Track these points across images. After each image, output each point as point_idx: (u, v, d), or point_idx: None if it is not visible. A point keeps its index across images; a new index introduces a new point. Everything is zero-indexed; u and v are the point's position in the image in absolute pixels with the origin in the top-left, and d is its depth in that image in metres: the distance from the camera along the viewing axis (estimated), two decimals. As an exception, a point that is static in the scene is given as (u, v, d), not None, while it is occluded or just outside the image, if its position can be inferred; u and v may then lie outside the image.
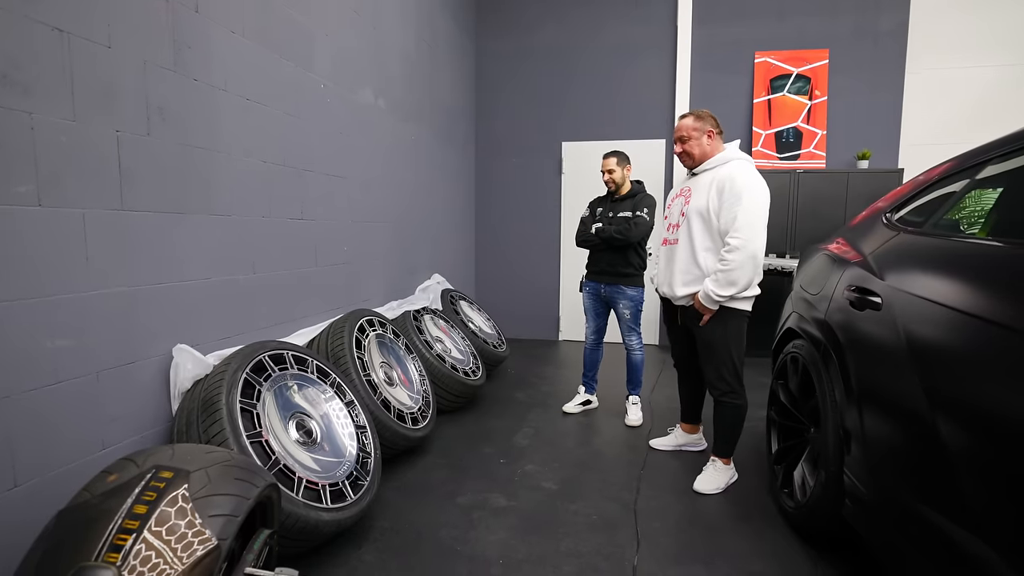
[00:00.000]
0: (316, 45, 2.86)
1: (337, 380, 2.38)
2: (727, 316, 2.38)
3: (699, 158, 2.47)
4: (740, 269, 2.25)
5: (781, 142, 5.12)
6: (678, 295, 2.48)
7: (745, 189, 2.26)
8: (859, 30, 4.97)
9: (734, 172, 2.32)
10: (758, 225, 2.25)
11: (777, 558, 1.97)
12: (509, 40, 5.61)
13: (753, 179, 2.30)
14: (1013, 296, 1.17)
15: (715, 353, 2.43)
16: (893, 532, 1.47)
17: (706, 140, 2.45)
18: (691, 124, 2.46)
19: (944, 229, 1.69)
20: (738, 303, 2.36)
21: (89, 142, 1.68)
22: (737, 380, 2.44)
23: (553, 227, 5.70)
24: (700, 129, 2.45)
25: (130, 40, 1.81)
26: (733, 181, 2.29)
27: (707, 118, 2.45)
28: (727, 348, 2.41)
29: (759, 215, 2.26)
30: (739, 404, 2.45)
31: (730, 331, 2.40)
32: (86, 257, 1.68)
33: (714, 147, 2.45)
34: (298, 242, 2.77)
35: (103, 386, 1.76)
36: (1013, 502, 1.04)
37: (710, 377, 2.48)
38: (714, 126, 2.44)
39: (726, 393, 2.45)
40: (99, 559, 1.05)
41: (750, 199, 2.25)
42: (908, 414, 1.40)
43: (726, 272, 2.27)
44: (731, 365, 2.42)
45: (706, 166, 2.44)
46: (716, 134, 2.45)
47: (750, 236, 2.23)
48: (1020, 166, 1.49)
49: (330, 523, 1.83)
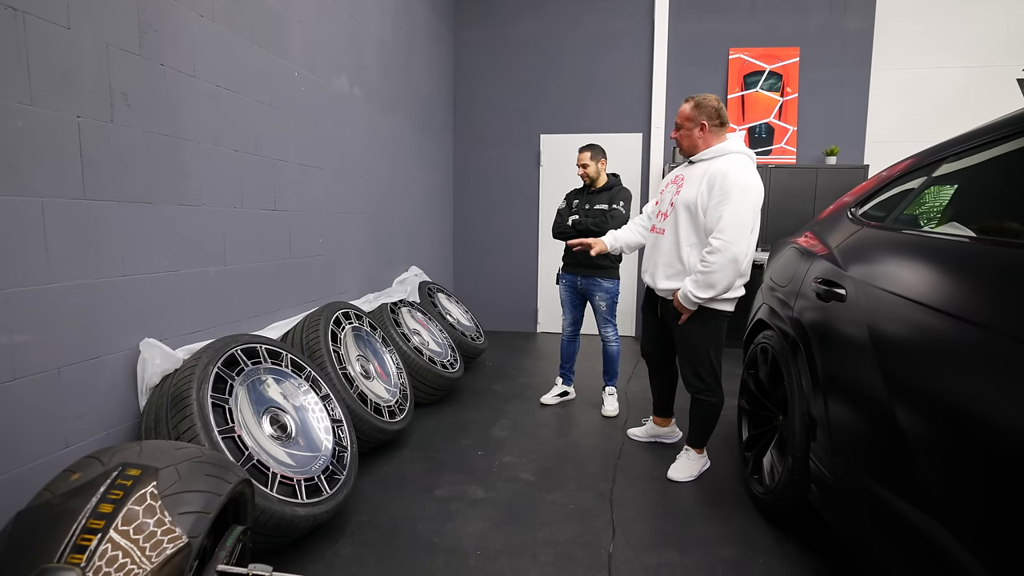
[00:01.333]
0: (290, 31, 2.79)
1: (312, 374, 2.35)
2: (706, 316, 2.33)
3: (688, 149, 2.39)
4: (720, 272, 2.18)
5: (754, 138, 5.21)
6: (659, 287, 2.45)
7: (734, 188, 2.16)
8: (828, 29, 5.07)
9: (727, 168, 2.21)
10: (743, 227, 2.16)
11: (746, 542, 2.02)
12: (487, 30, 5.57)
13: (745, 178, 2.19)
14: (966, 289, 1.21)
15: (693, 352, 2.41)
16: (854, 515, 1.52)
17: (697, 132, 2.34)
18: (686, 113, 2.35)
19: (904, 224, 1.74)
20: (719, 304, 2.31)
21: (47, 127, 1.62)
22: (714, 379, 2.42)
23: (531, 219, 5.71)
24: (693, 120, 2.33)
25: (91, 21, 1.74)
26: (724, 177, 2.19)
27: (705, 109, 2.31)
28: (705, 348, 2.38)
29: (745, 216, 2.16)
30: (715, 402, 2.45)
31: (708, 331, 2.36)
32: (45, 248, 1.62)
33: (707, 140, 2.33)
34: (272, 233, 2.71)
35: (65, 382, 1.70)
36: (965, 486, 1.09)
37: (687, 375, 2.46)
38: (710, 118, 2.31)
39: (702, 391, 2.44)
40: (62, 560, 1.02)
41: (738, 199, 2.16)
42: (869, 402, 1.45)
43: (706, 274, 2.20)
44: (708, 365, 2.40)
45: (703, 156, 2.33)
46: (713, 126, 2.32)
47: (733, 238, 2.15)
48: (972, 164, 1.54)
49: (305, 518, 1.81)
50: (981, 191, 1.55)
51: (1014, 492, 0.98)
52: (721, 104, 2.34)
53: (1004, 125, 1.39)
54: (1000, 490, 1.01)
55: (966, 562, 1.05)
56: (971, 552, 1.04)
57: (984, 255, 1.24)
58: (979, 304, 1.15)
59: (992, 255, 1.21)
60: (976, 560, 1.03)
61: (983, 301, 1.14)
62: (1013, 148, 1.36)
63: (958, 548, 1.08)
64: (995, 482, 1.02)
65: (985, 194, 1.53)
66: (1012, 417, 0.99)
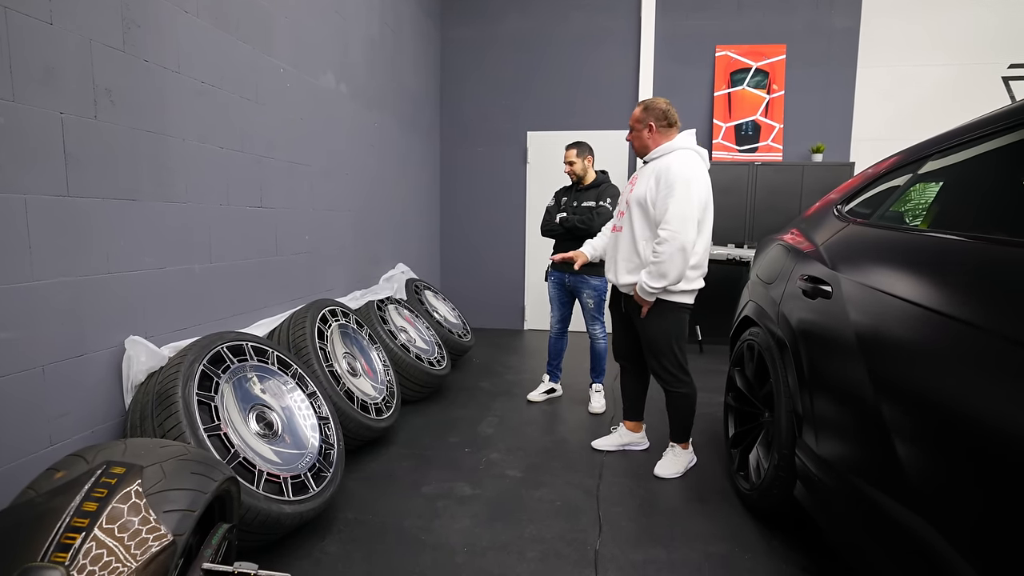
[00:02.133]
0: (275, 27, 2.77)
1: (299, 371, 2.34)
2: (665, 309, 2.41)
3: (639, 149, 2.50)
4: (670, 261, 2.26)
5: (740, 135, 5.24)
6: (620, 282, 2.53)
7: (678, 181, 2.26)
8: (814, 27, 5.11)
9: (671, 162, 2.32)
10: (689, 217, 2.26)
11: (733, 538, 2.04)
12: (474, 27, 5.56)
13: (689, 171, 2.29)
14: (950, 285, 1.23)
15: (656, 346, 2.47)
16: (840, 511, 1.54)
17: (646, 133, 2.45)
18: (636, 115, 2.47)
19: (889, 221, 1.77)
20: (676, 296, 2.39)
21: (30, 124, 1.60)
22: (681, 370, 2.49)
23: (518, 217, 5.71)
24: (642, 121, 2.45)
25: (73, 16, 1.71)
26: (668, 171, 2.30)
27: (653, 111, 2.42)
28: (668, 340, 2.44)
29: (690, 207, 2.26)
30: (686, 392, 2.51)
31: (670, 324, 2.43)
32: (28, 246, 1.60)
33: (656, 140, 2.44)
34: (258, 230, 2.70)
35: (49, 380, 1.68)
36: (949, 482, 1.11)
37: (654, 367, 2.52)
38: (659, 119, 2.41)
39: (671, 383, 2.50)
40: (46, 559, 1.01)
41: (682, 191, 2.25)
42: (855, 399, 1.47)
43: (657, 264, 2.29)
44: (673, 356, 2.46)
45: (653, 155, 2.44)
46: (661, 127, 2.42)
47: (679, 228, 2.24)
48: (958, 162, 1.57)
49: (292, 516, 1.81)
50: (966, 188, 1.57)
51: (996, 487, 1.00)
52: (669, 106, 2.44)
53: (989, 122, 1.41)
54: (983, 485, 1.03)
55: (950, 556, 1.07)
56: (954, 546, 1.07)
57: (969, 252, 1.25)
58: (965, 301, 1.16)
59: (977, 252, 1.23)
60: (958, 553, 1.05)
61: (968, 298, 1.16)
62: (998, 145, 1.38)
63: (941, 543, 1.10)
64: (978, 478, 1.04)
65: (970, 191, 1.56)
66: (996, 413, 1.01)
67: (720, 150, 5.25)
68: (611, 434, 2.89)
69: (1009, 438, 0.96)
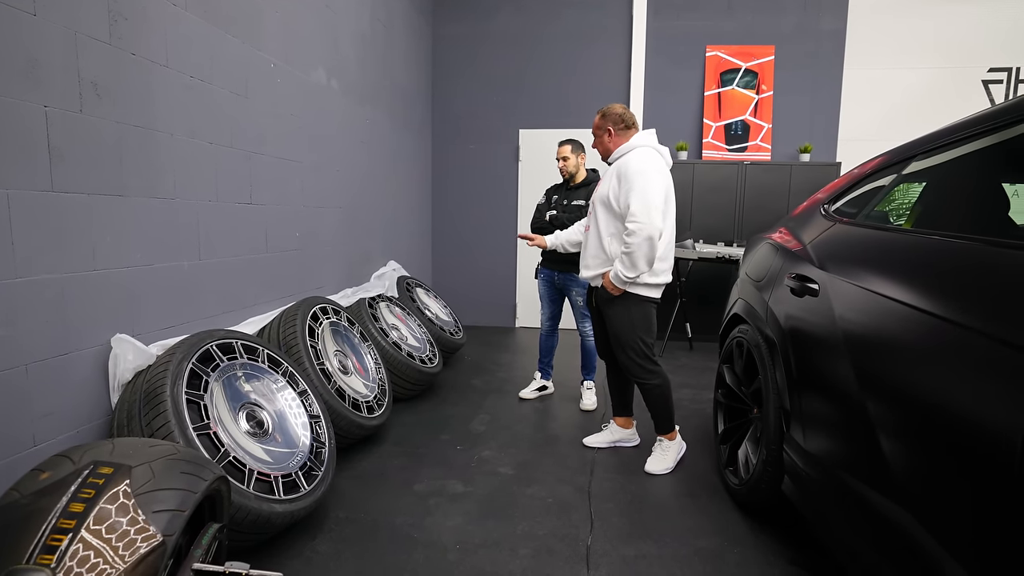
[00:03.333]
0: (266, 22, 2.74)
1: (289, 369, 2.32)
2: (630, 302, 2.50)
3: (603, 153, 2.64)
4: (638, 250, 2.37)
5: (730, 134, 5.28)
6: (587, 277, 2.66)
7: (636, 175, 2.39)
8: (802, 29, 5.16)
9: (629, 160, 2.46)
10: (652, 206, 2.36)
11: (722, 533, 2.06)
12: (466, 24, 5.53)
13: (644, 165, 2.41)
14: (932, 284, 1.25)
15: (622, 339, 2.54)
16: (827, 506, 1.56)
17: (606, 138, 2.60)
18: (596, 122, 2.64)
19: (874, 220, 1.79)
20: (641, 289, 2.47)
21: (12, 117, 1.56)
22: (648, 360, 2.55)
23: (510, 214, 5.70)
24: (601, 127, 2.61)
25: (58, 7, 1.68)
26: (627, 167, 2.43)
27: (610, 116, 2.58)
28: (633, 333, 2.52)
29: (651, 198, 2.36)
30: (658, 383, 2.57)
31: (635, 317, 2.51)
32: (11, 242, 1.57)
33: (616, 142, 2.58)
34: (247, 227, 2.67)
35: (33, 379, 1.65)
36: (933, 477, 1.13)
37: (623, 360, 2.59)
38: (616, 123, 2.57)
39: (641, 375, 2.56)
40: (31, 561, 0.99)
41: (640, 185, 2.37)
42: (841, 395, 1.49)
43: (628, 254, 2.39)
44: (638, 347, 2.53)
45: (614, 156, 2.58)
46: (619, 130, 2.56)
47: (644, 219, 2.34)
48: (940, 163, 1.59)
49: (283, 515, 1.80)
50: (948, 188, 1.60)
51: (978, 482, 1.02)
52: (625, 110, 2.61)
53: (970, 124, 1.44)
54: (965, 480, 1.05)
55: (933, 549, 1.09)
56: (938, 539, 1.08)
57: (951, 251, 1.27)
58: (947, 299, 1.18)
59: (958, 251, 1.25)
60: (941, 546, 1.07)
61: (952, 296, 1.18)
62: (979, 147, 1.41)
63: (925, 536, 1.12)
64: (960, 472, 1.06)
65: (952, 191, 1.58)
66: (977, 410, 1.03)
67: (710, 149, 5.28)
68: (602, 431, 2.91)
69: (989, 434, 0.98)
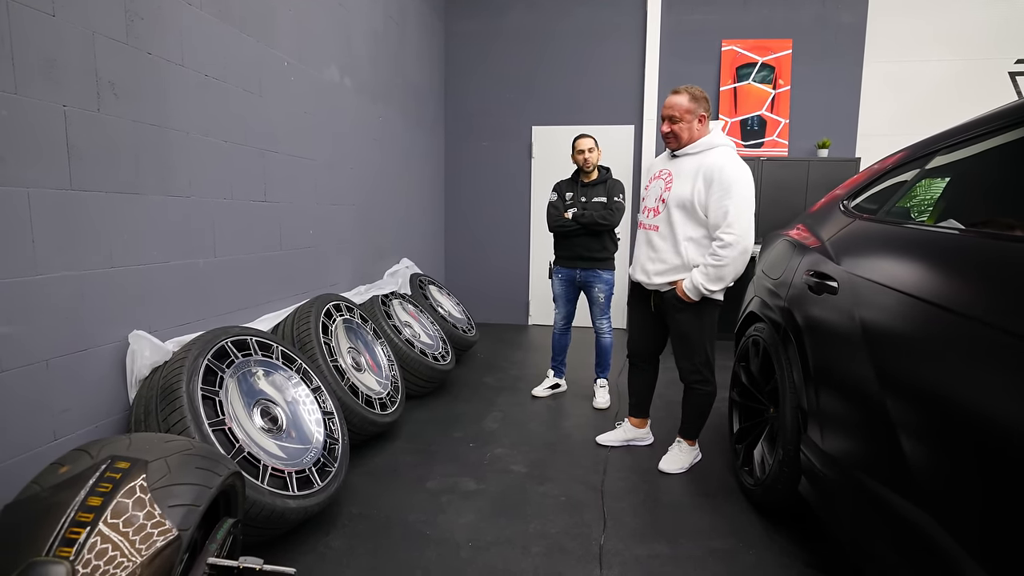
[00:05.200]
0: (279, 20, 2.75)
1: (303, 366, 2.34)
2: (703, 308, 2.36)
3: (686, 142, 2.35)
4: (731, 265, 2.22)
5: (746, 130, 5.21)
6: (655, 283, 2.44)
7: (735, 182, 2.19)
8: (820, 22, 5.07)
9: (722, 162, 2.22)
10: (749, 219, 2.20)
11: (737, 534, 2.04)
12: (479, 21, 5.52)
13: (741, 170, 2.22)
14: (957, 282, 1.22)
15: (689, 342, 2.42)
16: (845, 507, 1.54)
17: (696, 125, 2.32)
18: (685, 105, 2.29)
19: (896, 216, 1.75)
20: (717, 294, 2.35)
21: (33, 117, 1.59)
22: (709, 370, 2.45)
23: (523, 212, 5.69)
24: (693, 112, 2.30)
25: (76, 8, 1.70)
26: (722, 172, 2.20)
27: (702, 100, 2.31)
28: (702, 339, 2.41)
29: (749, 208, 2.20)
30: (709, 392, 2.48)
31: (705, 322, 2.39)
32: (32, 239, 1.60)
33: (702, 131, 2.34)
34: (261, 225, 2.69)
35: (53, 375, 1.68)
36: (956, 479, 1.10)
37: (684, 366, 2.48)
38: (707, 109, 2.32)
39: (697, 381, 2.46)
40: (50, 554, 1.01)
41: (740, 192, 2.18)
42: (861, 395, 1.46)
43: (718, 267, 2.22)
44: (705, 356, 2.43)
45: (688, 150, 2.34)
46: (707, 118, 2.34)
47: (743, 232, 2.18)
48: (965, 157, 1.55)
49: (297, 510, 1.81)
50: (974, 184, 1.56)
51: (1004, 484, 0.99)
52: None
53: (997, 118, 1.40)
54: (990, 482, 1.02)
55: (956, 553, 1.06)
56: (960, 543, 1.06)
57: (976, 248, 1.24)
58: (972, 297, 1.15)
59: (984, 248, 1.22)
60: (964, 550, 1.04)
61: (976, 294, 1.15)
62: (1006, 140, 1.36)
63: (947, 539, 1.09)
64: (985, 474, 1.03)
65: (978, 187, 1.54)
66: (1003, 410, 1.00)
67: (725, 145, 5.21)
68: (615, 429, 2.89)
69: (1017, 435, 0.95)
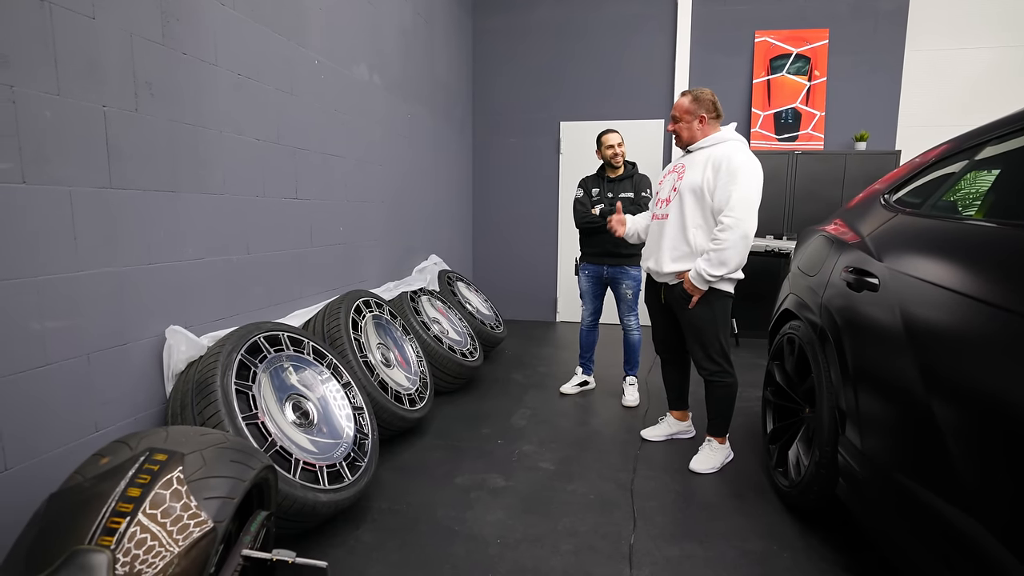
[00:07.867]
0: (310, 19, 2.78)
1: (334, 361, 2.36)
2: (712, 298, 2.38)
3: (687, 140, 2.46)
4: (732, 249, 2.25)
5: (780, 123, 5.07)
6: (664, 271, 2.46)
7: (741, 169, 2.25)
8: (859, 10, 4.89)
9: (731, 152, 2.30)
10: (752, 205, 2.25)
11: (770, 535, 1.99)
12: (507, 17, 5.50)
13: (749, 160, 2.28)
14: (1010, 277, 1.15)
15: (702, 335, 2.43)
16: (886, 511, 1.48)
17: (696, 125, 2.42)
18: (685, 106, 2.43)
19: (942, 210, 1.68)
20: (724, 284, 2.36)
21: (75, 117, 1.64)
22: (725, 359, 2.45)
23: (551, 208, 5.66)
24: (693, 113, 2.41)
25: (115, 11, 1.75)
26: (730, 160, 2.28)
27: (704, 103, 2.40)
28: (714, 329, 2.41)
29: (753, 196, 2.25)
30: (729, 383, 2.46)
31: (716, 312, 2.39)
32: (74, 236, 1.65)
33: (705, 132, 2.42)
34: (293, 222, 2.73)
35: (95, 368, 1.73)
36: (1006, 483, 1.04)
37: (698, 358, 2.48)
38: (709, 111, 2.40)
39: (715, 373, 2.45)
40: (93, 542, 1.04)
41: (745, 179, 2.24)
42: (904, 395, 1.40)
43: (718, 252, 2.27)
44: (718, 346, 2.43)
45: (701, 144, 2.42)
46: (711, 119, 2.41)
47: (743, 216, 2.23)
48: (1018, 147, 1.47)
49: (328, 504, 1.83)
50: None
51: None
52: (715, 98, 2.44)
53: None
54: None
55: (1001, 556, 1.01)
56: (1007, 546, 1.00)
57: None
58: (1021, 294, 1.09)
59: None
60: (1011, 553, 0.99)
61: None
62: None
63: (992, 543, 1.04)
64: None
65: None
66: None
67: (758, 139, 5.09)
68: (659, 424, 2.89)
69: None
